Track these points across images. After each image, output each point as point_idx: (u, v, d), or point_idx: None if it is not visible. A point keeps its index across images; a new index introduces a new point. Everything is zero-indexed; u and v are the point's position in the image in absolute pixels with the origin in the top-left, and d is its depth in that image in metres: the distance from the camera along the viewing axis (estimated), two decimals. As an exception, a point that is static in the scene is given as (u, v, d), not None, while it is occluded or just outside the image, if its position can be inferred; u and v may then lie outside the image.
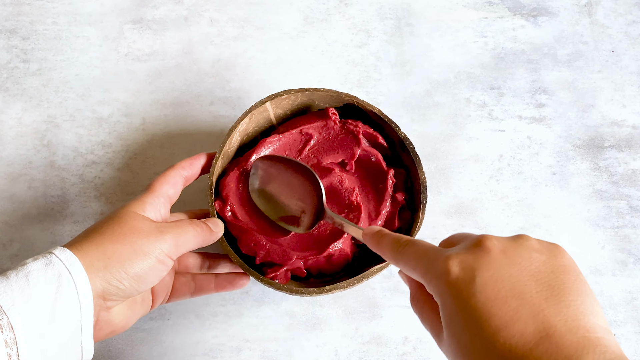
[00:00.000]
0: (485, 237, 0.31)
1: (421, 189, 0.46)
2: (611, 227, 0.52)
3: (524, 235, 0.31)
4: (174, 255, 0.39)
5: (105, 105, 0.55)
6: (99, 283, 0.36)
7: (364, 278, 0.43)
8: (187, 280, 0.45)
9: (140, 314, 0.42)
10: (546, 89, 0.56)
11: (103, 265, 0.36)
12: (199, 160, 0.46)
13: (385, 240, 0.36)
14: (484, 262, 0.29)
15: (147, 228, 0.39)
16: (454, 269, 0.29)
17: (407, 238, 0.34)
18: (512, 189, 0.53)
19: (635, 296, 0.50)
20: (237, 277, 0.46)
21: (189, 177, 0.45)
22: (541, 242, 0.31)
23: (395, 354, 0.49)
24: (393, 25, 0.58)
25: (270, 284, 0.43)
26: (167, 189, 0.43)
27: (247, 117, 0.47)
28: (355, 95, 0.48)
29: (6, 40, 0.57)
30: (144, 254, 0.37)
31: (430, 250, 0.32)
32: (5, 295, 0.33)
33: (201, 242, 0.41)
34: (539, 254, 0.30)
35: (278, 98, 0.48)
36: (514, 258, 0.29)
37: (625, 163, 0.54)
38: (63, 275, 0.34)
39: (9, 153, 0.53)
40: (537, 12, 0.59)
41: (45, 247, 0.51)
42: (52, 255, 0.35)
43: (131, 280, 0.37)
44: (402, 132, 0.47)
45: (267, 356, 0.48)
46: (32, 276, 0.34)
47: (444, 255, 0.30)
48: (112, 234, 0.37)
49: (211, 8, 0.58)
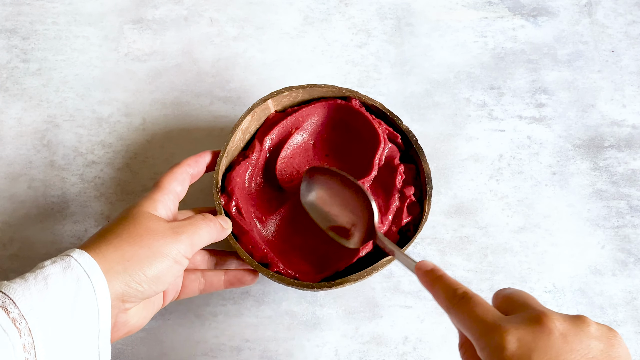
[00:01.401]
0: (547, 316, 0.30)
1: (426, 180, 0.46)
2: (611, 227, 0.52)
3: (585, 319, 0.31)
4: (189, 254, 0.40)
5: (105, 105, 0.55)
6: (118, 286, 0.36)
7: (374, 270, 0.44)
8: (197, 277, 0.45)
9: (152, 312, 0.42)
10: (546, 89, 0.56)
11: (122, 268, 0.36)
12: (204, 157, 0.46)
13: (440, 285, 0.34)
14: (542, 345, 0.29)
15: (162, 229, 0.39)
16: (511, 345, 0.29)
17: (463, 290, 0.33)
18: (512, 188, 0.53)
19: (635, 296, 0.50)
20: (245, 273, 0.46)
21: (195, 175, 0.45)
22: (600, 327, 0.30)
23: (395, 354, 0.49)
24: (393, 25, 0.58)
25: (281, 280, 0.43)
26: (175, 185, 0.43)
27: (249, 115, 0.47)
28: (356, 91, 0.48)
29: (6, 40, 0.57)
30: (162, 256, 0.37)
31: (488, 313, 0.31)
32: (24, 298, 0.32)
33: (214, 238, 0.42)
34: (597, 342, 0.29)
35: (279, 95, 0.48)
36: (573, 345, 0.29)
37: (625, 163, 0.54)
38: (82, 279, 0.34)
39: (9, 153, 0.53)
40: (537, 12, 0.59)
41: (45, 247, 0.51)
42: (70, 258, 0.35)
43: (150, 282, 0.37)
44: (404, 125, 0.48)
45: (267, 356, 0.48)
46: (50, 280, 0.34)
47: (502, 327, 0.30)
48: (128, 236, 0.37)
49: (211, 8, 0.58)
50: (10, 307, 0.32)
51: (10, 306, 0.32)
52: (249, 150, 0.48)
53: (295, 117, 0.49)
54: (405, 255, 0.39)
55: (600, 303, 0.50)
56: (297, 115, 0.49)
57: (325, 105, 0.49)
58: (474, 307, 0.32)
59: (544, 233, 0.52)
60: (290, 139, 0.49)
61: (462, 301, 0.33)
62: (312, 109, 0.49)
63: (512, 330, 0.30)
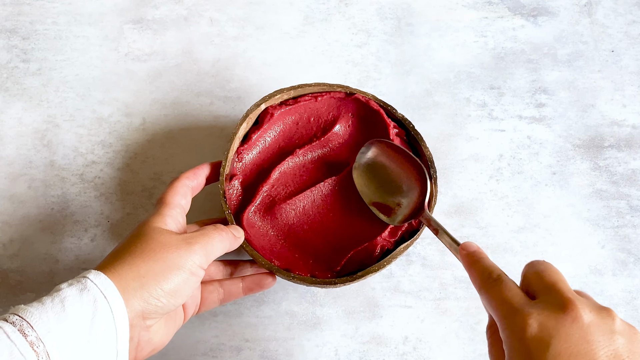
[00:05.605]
0: (574, 304, 0.30)
1: (429, 164, 0.47)
2: (611, 226, 0.52)
3: (611, 312, 0.31)
4: (205, 265, 0.39)
5: (105, 105, 0.55)
6: (137, 303, 0.35)
7: (392, 259, 0.44)
8: (215, 288, 0.45)
9: (175, 329, 0.42)
10: (546, 89, 0.56)
11: (139, 284, 0.36)
12: (203, 170, 0.46)
13: (478, 266, 0.36)
14: (564, 332, 0.29)
15: (174, 242, 0.38)
16: (532, 328, 0.29)
17: (499, 273, 0.34)
18: (512, 188, 0.53)
19: (635, 296, 0.50)
20: (263, 277, 0.46)
21: (195, 188, 0.45)
22: (624, 323, 0.31)
23: (395, 354, 0.49)
24: (393, 25, 0.58)
25: (302, 280, 0.44)
26: (179, 199, 0.43)
27: (244, 121, 0.47)
28: (347, 85, 0.49)
29: (6, 40, 0.57)
30: (177, 269, 0.37)
31: (516, 297, 0.32)
32: (41, 322, 0.32)
33: (227, 247, 0.42)
34: (619, 336, 0.29)
35: (272, 98, 0.48)
36: (596, 335, 0.29)
37: (625, 163, 0.54)
38: (99, 300, 0.34)
39: (9, 153, 0.53)
40: (537, 12, 0.59)
41: (46, 247, 0.51)
42: (86, 279, 0.35)
43: (168, 296, 0.37)
44: (399, 114, 0.48)
45: (267, 356, 0.48)
46: (67, 302, 0.33)
47: (526, 311, 0.30)
48: (142, 252, 0.37)
49: (211, 8, 0.58)
50: (28, 331, 0.32)
51: (27, 329, 0.32)
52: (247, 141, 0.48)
53: (297, 110, 0.49)
54: (451, 236, 0.40)
55: (600, 303, 0.50)
56: (297, 110, 0.49)
57: (329, 97, 0.49)
58: (503, 290, 0.33)
59: (544, 233, 0.52)
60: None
61: (494, 283, 0.33)
62: (313, 103, 0.49)
63: (534, 314, 0.30)
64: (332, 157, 0.49)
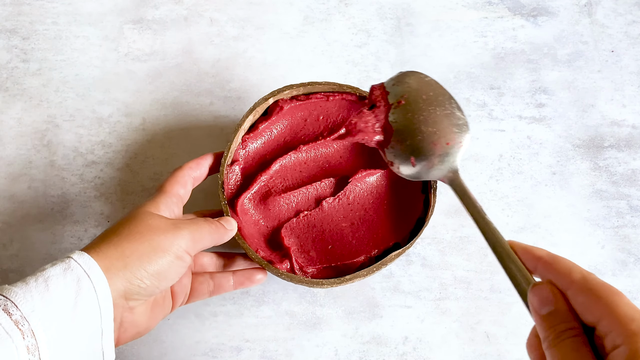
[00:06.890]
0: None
1: None
2: (611, 227, 0.52)
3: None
4: (191, 251, 0.39)
5: (105, 105, 0.55)
6: (120, 283, 0.36)
7: (382, 265, 0.44)
8: (205, 279, 0.45)
9: (162, 315, 0.42)
10: (546, 89, 0.56)
11: (123, 264, 0.36)
12: (206, 160, 0.46)
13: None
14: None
15: (163, 225, 0.39)
16: None
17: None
18: (512, 188, 0.53)
19: (635, 296, 0.50)
20: (254, 272, 0.46)
21: (198, 178, 0.45)
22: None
23: (395, 354, 0.49)
24: (393, 25, 0.58)
25: (290, 278, 0.44)
26: (178, 188, 0.43)
27: (251, 114, 0.47)
28: (357, 87, 0.48)
29: (6, 40, 0.57)
30: (162, 251, 0.37)
31: None
32: (26, 301, 0.33)
33: (216, 239, 0.42)
34: None
35: (281, 93, 0.48)
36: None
37: (625, 163, 0.54)
38: (82, 280, 0.34)
39: (9, 153, 0.53)
40: (537, 12, 0.59)
41: (46, 247, 0.51)
42: (70, 259, 0.35)
43: (152, 278, 0.37)
44: None
45: (267, 356, 0.48)
46: (51, 281, 0.34)
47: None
48: (128, 233, 0.37)
49: (211, 8, 0.58)
50: (12, 310, 0.32)
51: (12, 309, 0.32)
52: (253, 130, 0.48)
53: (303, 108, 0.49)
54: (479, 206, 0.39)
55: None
56: (304, 108, 0.49)
57: (341, 98, 0.49)
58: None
59: (544, 233, 0.52)
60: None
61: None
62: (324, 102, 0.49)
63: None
64: (335, 158, 0.49)
